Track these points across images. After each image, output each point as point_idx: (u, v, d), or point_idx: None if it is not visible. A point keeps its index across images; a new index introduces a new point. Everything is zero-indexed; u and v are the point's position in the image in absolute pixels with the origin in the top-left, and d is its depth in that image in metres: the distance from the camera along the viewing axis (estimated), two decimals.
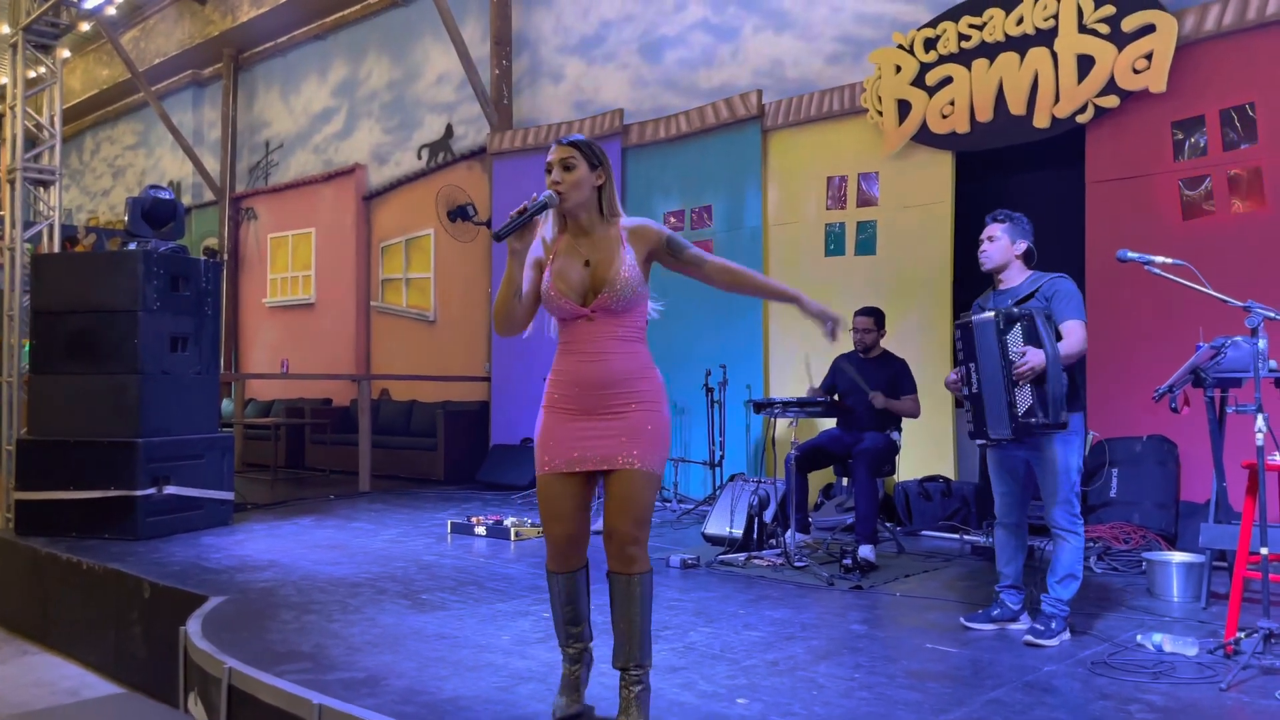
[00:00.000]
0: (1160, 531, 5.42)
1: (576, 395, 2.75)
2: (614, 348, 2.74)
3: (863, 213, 7.35)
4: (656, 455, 2.75)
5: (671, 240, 2.83)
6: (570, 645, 2.92)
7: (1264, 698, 3.04)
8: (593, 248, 2.77)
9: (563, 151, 2.75)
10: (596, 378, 2.72)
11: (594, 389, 2.73)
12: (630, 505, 2.70)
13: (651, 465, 2.73)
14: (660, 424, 2.78)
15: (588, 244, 2.78)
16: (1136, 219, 6.00)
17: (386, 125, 11.66)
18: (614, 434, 2.71)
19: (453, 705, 2.99)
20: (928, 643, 3.74)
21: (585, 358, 2.74)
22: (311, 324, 12.39)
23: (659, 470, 2.76)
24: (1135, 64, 5.94)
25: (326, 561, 5.40)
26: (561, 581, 2.87)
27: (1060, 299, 3.77)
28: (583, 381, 2.74)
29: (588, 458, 2.72)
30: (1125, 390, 5.88)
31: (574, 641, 2.92)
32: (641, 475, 2.71)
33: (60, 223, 7.46)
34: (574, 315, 2.75)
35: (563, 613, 2.90)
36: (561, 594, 2.88)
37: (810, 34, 7.91)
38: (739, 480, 6.03)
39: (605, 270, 2.73)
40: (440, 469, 9.59)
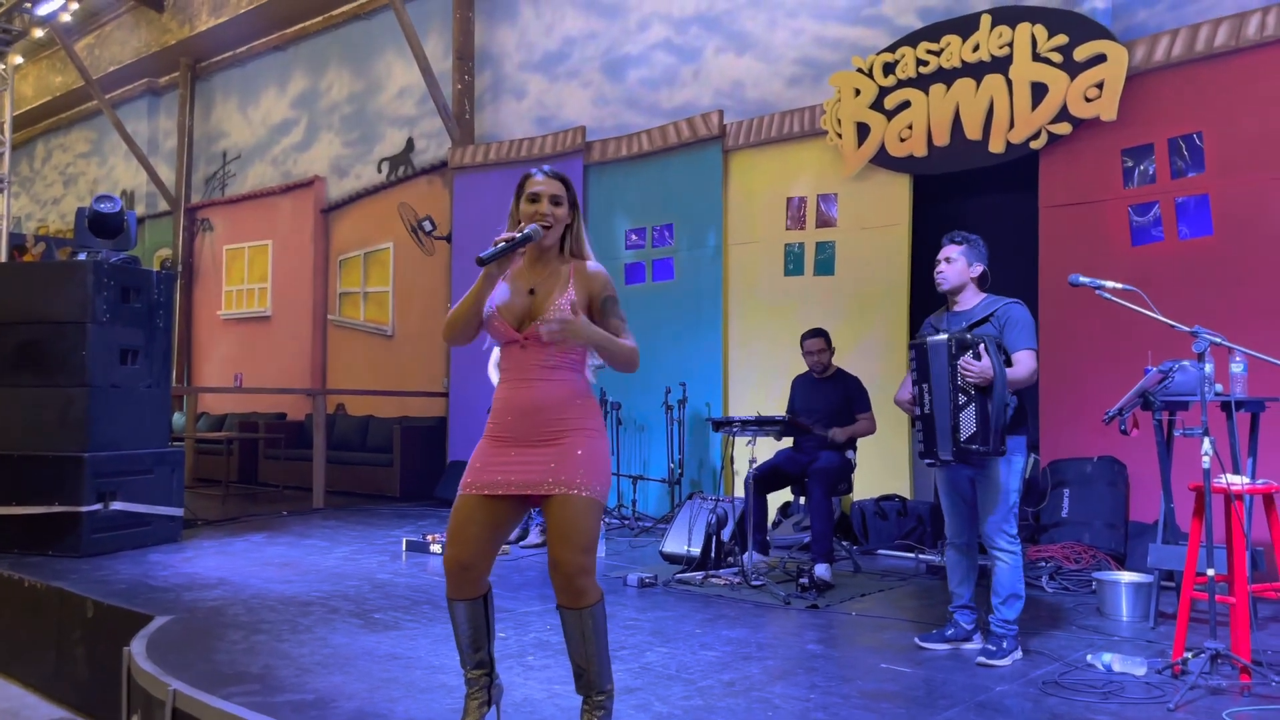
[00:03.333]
0: (1110, 551, 5.50)
1: (510, 423, 2.75)
2: (544, 375, 2.75)
3: (822, 233, 7.42)
4: (595, 481, 2.69)
5: (608, 300, 2.83)
6: (470, 670, 2.82)
7: (1210, 718, 3.08)
8: (541, 280, 2.79)
9: (555, 186, 2.79)
10: (526, 403, 2.73)
11: (524, 414, 2.73)
12: (572, 532, 2.62)
13: (591, 491, 2.67)
14: (593, 450, 2.73)
15: (539, 275, 2.80)
16: (1087, 244, 6.11)
17: (346, 138, 11.58)
18: (543, 460, 2.68)
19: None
20: (882, 662, 3.75)
21: (516, 384, 2.76)
22: (267, 337, 12.22)
23: (601, 497, 2.71)
24: (1087, 92, 6.07)
25: (277, 580, 5.30)
26: (458, 609, 2.77)
27: (1013, 327, 3.82)
28: (514, 407, 2.75)
29: (511, 482, 2.69)
30: (1076, 411, 5.97)
31: (472, 668, 2.82)
32: (580, 501, 2.65)
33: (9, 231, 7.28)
34: (508, 339, 2.78)
35: (460, 637, 2.80)
36: (457, 621, 2.78)
37: (771, 56, 7.99)
38: (697, 498, 6.03)
39: (544, 301, 2.74)
40: (396, 485, 9.49)
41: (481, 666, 2.83)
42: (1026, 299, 4.04)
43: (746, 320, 7.77)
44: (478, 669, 2.83)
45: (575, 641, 2.70)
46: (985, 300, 3.96)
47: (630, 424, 8.06)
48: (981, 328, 3.84)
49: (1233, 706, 3.16)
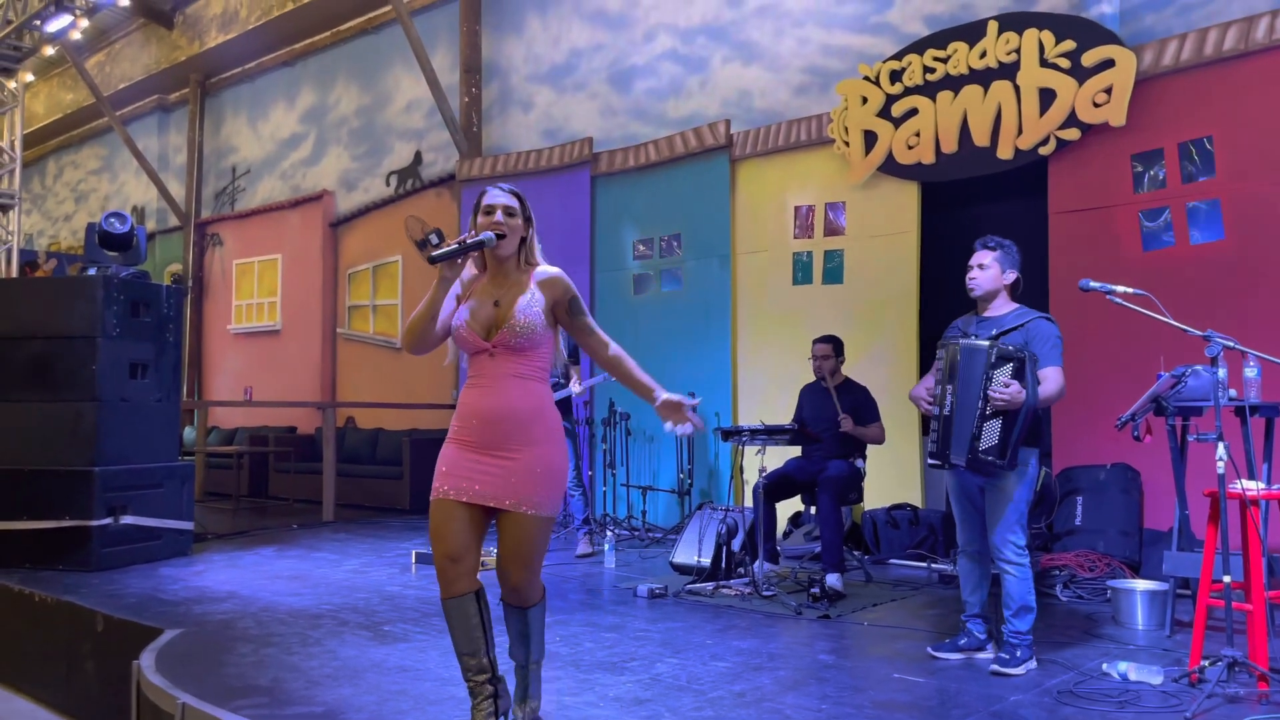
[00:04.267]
0: (1125, 559, 5.45)
1: (475, 428, 2.84)
2: (512, 384, 2.84)
3: (830, 242, 7.40)
4: (549, 499, 2.85)
5: (574, 301, 2.94)
6: (470, 676, 2.87)
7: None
8: (504, 291, 2.89)
9: (507, 199, 2.90)
10: (493, 411, 2.82)
11: (490, 423, 2.82)
12: (522, 550, 2.82)
13: (544, 509, 2.84)
14: (552, 466, 2.86)
15: (501, 287, 2.89)
16: (1097, 249, 6.08)
17: (355, 152, 11.62)
18: (506, 474, 2.80)
19: None
20: (895, 672, 3.71)
21: (484, 392, 2.85)
22: (277, 351, 12.25)
23: (553, 513, 2.88)
24: (1095, 98, 6.05)
25: (287, 593, 5.29)
26: (452, 607, 2.85)
27: (1043, 342, 3.75)
28: (481, 414, 2.83)
29: (484, 493, 2.80)
30: (1089, 418, 5.93)
31: (473, 674, 2.87)
32: (534, 521, 2.81)
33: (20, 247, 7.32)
34: (477, 349, 2.86)
35: (457, 640, 2.87)
36: (453, 621, 2.86)
37: (778, 65, 7.99)
38: (707, 509, 6.00)
39: (509, 310, 2.85)
40: (406, 497, 9.48)
41: (484, 671, 2.87)
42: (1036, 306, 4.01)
43: (755, 330, 7.75)
44: (480, 674, 2.87)
45: (517, 638, 2.95)
46: (1017, 310, 3.90)
47: (639, 434, 8.04)
48: (1010, 337, 3.78)
49: (1251, 715, 3.12)
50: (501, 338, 2.81)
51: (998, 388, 3.62)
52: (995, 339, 3.76)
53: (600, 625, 4.52)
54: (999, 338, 3.77)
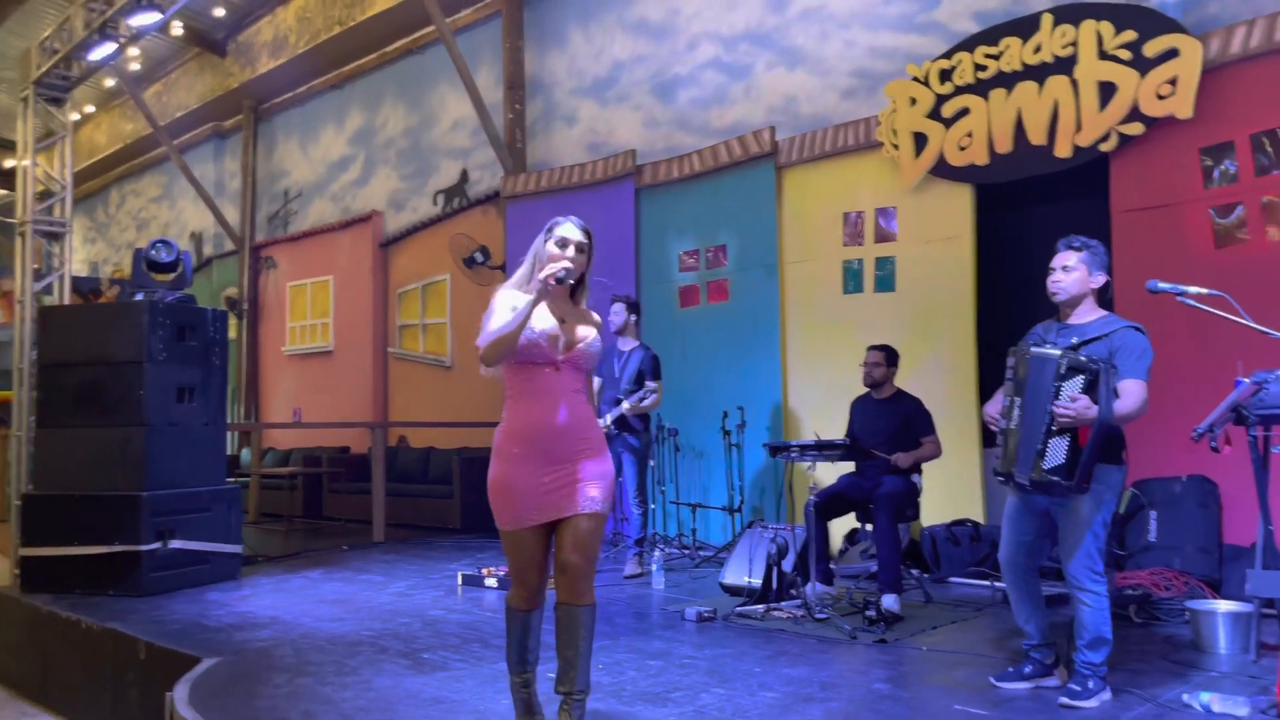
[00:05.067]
0: (1204, 577, 5.13)
1: (542, 443, 3.00)
2: (573, 398, 3.06)
3: (881, 248, 7.17)
4: (605, 497, 3.07)
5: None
6: (523, 673, 3.17)
7: None
8: (565, 312, 3.12)
9: (582, 236, 3.14)
10: (559, 424, 3.00)
11: (557, 435, 3.00)
12: (586, 544, 3.01)
13: (603, 508, 3.06)
14: (606, 468, 3.10)
15: (561, 309, 3.11)
16: (1166, 249, 5.77)
17: (403, 172, 11.67)
18: (569, 481, 3.01)
19: None
20: (956, 703, 3.49)
21: (549, 407, 3.01)
22: (330, 371, 12.33)
23: (606, 511, 3.09)
24: (1159, 90, 5.76)
25: (329, 618, 5.22)
26: (530, 618, 3.14)
27: (1129, 353, 3.44)
28: (548, 428, 3.00)
29: (557, 506, 3.00)
30: (1161, 428, 5.58)
31: (527, 669, 3.18)
32: (596, 518, 3.04)
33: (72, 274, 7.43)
34: (548, 362, 3.03)
35: (525, 645, 3.15)
36: (527, 629, 3.14)
37: (824, 69, 7.79)
38: (757, 527, 5.81)
39: (576, 331, 3.09)
40: (457, 516, 9.42)
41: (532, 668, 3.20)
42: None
43: (805, 341, 7.54)
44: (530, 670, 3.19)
45: (570, 636, 3.02)
46: (1104, 318, 3.59)
47: (688, 450, 7.86)
48: (1092, 347, 3.48)
49: None
50: (573, 357, 3.06)
51: (1064, 401, 3.36)
52: (1073, 348, 3.47)
53: (645, 651, 4.35)
54: (1078, 347, 3.47)
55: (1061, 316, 3.67)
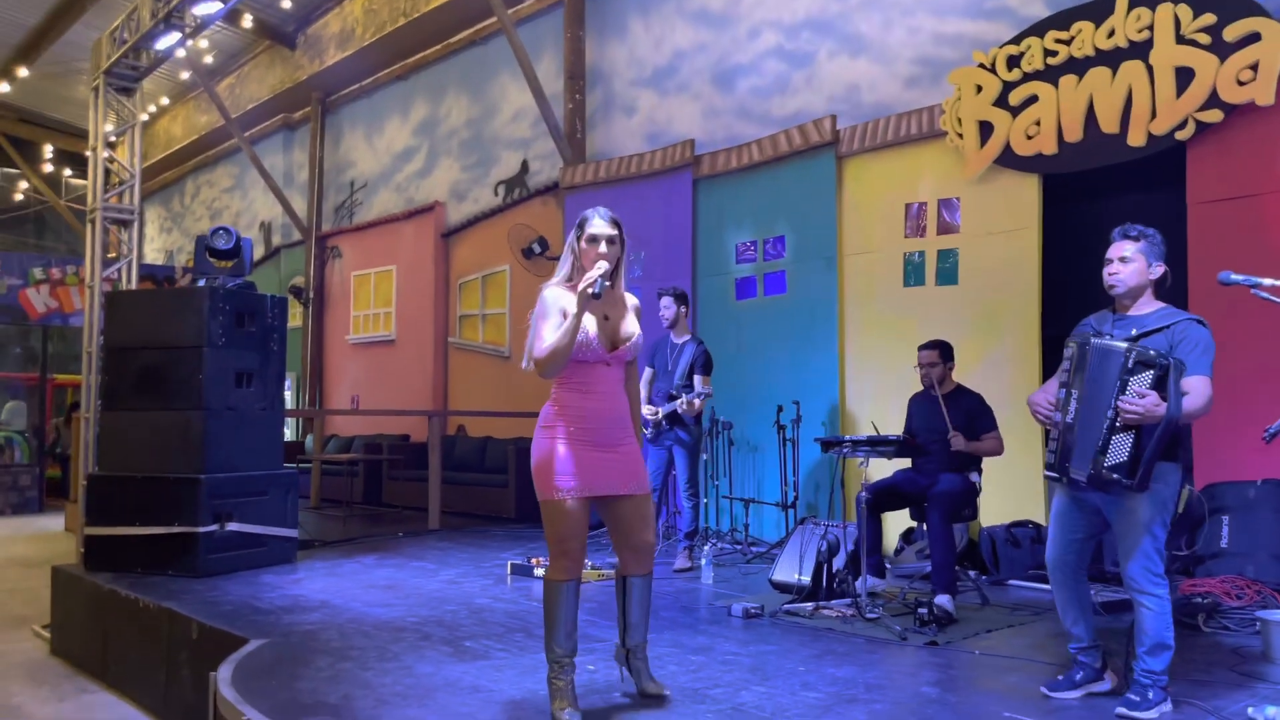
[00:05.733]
0: (1277, 586, 4.88)
1: (591, 429, 3.22)
2: (620, 390, 3.33)
3: (943, 240, 6.98)
4: (648, 478, 3.42)
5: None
6: (568, 656, 3.24)
7: None
8: (609, 308, 3.27)
9: (609, 229, 3.27)
10: (609, 414, 3.26)
11: (605, 424, 3.25)
12: (649, 520, 3.39)
13: (649, 487, 3.42)
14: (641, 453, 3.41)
15: (606, 304, 3.24)
16: (1245, 242, 5.51)
17: (465, 163, 11.74)
18: (618, 464, 3.27)
19: None
20: (1005, 711, 3.35)
21: (602, 399, 3.25)
22: (392, 360, 12.49)
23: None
24: (1239, 75, 5.49)
25: (378, 603, 5.25)
26: (574, 589, 3.27)
27: (1192, 347, 3.27)
28: (599, 417, 3.24)
29: (608, 484, 3.25)
30: (1235, 429, 5.35)
31: (566, 655, 3.25)
32: (649, 498, 3.40)
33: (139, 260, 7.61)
34: (598, 360, 3.23)
35: (573, 620, 3.26)
36: (572, 600, 3.27)
37: (887, 57, 7.61)
38: (809, 523, 5.69)
39: (621, 326, 3.30)
40: (512, 506, 9.45)
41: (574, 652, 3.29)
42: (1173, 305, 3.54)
43: (863, 335, 7.38)
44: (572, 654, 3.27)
45: (641, 600, 3.39)
46: (1163, 310, 3.43)
47: (742, 444, 7.77)
48: (1151, 340, 3.32)
49: None
50: (621, 352, 3.27)
51: (1131, 398, 3.20)
52: (1134, 340, 3.31)
53: (687, 647, 4.29)
54: (1137, 339, 3.31)
55: (1119, 309, 3.51)
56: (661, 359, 6.42)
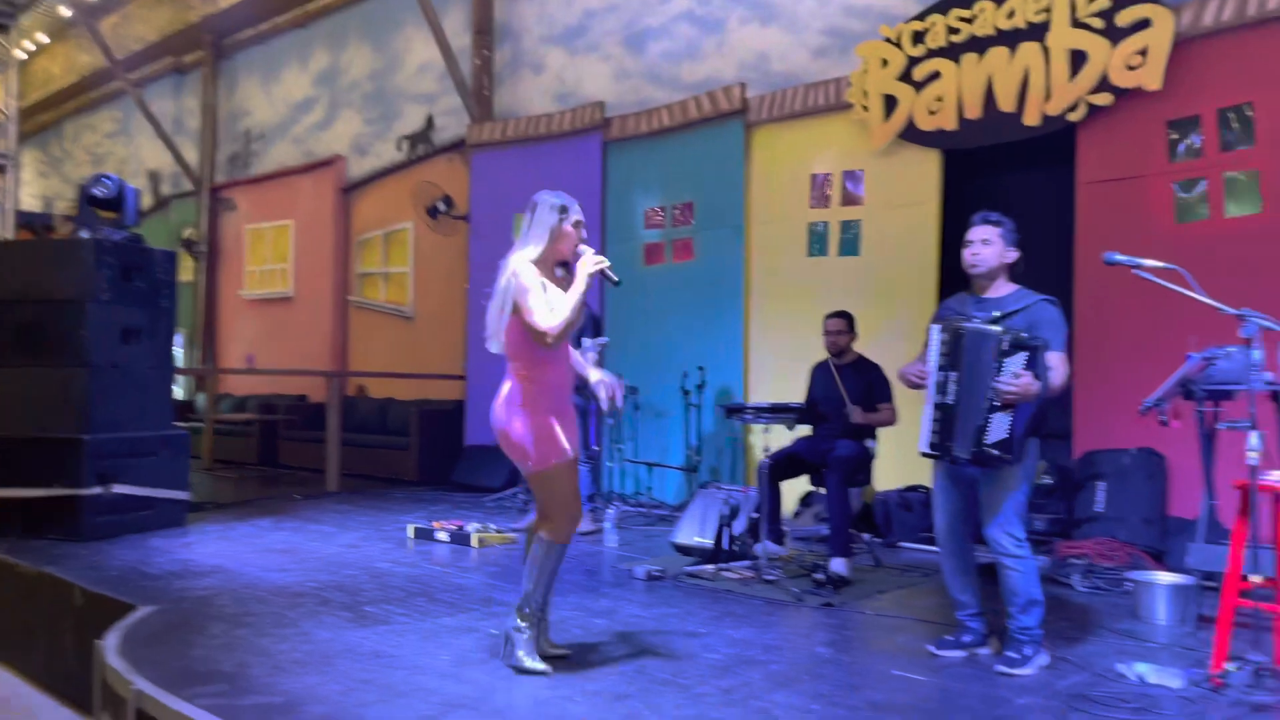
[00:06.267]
0: (1147, 548, 5.19)
1: (559, 398, 3.46)
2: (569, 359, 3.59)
3: (847, 212, 7.11)
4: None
5: None
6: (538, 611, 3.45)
7: None
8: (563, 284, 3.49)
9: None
10: (568, 383, 3.56)
11: (566, 393, 3.53)
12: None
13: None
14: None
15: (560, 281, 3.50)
16: (1128, 222, 5.77)
17: (367, 116, 11.40)
18: (572, 429, 3.50)
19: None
20: (895, 669, 3.50)
21: (563, 369, 3.52)
22: (289, 318, 12.13)
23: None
24: (1130, 60, 5.71)
25: (274, 568, 5.14)
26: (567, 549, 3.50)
27: (1048, 326, 3.47)
28: (563, 387, 3.51)
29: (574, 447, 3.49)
30: (1113, 400, 5.64)
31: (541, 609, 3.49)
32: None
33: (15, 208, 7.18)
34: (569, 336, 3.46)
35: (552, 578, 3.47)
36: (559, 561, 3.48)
37: (797, 26, 7.67)
38: (711, 487, 5.79)
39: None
40: (413, 469, 9.33)
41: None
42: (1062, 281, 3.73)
43: (768, 303, 7.49)
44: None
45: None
46: (1018, 291, 3.62)
47: (647, 409, 7.82)
48: (1012, 320, 3.50)
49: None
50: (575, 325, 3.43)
51: (1008, 378, 3.36)
52: (997, 321, 3.48)
53: (591, 610, 4.33)
54: (1000, 320, 3.49)
55: (977, 290, 3.68)
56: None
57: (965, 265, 3.68)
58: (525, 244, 3.45)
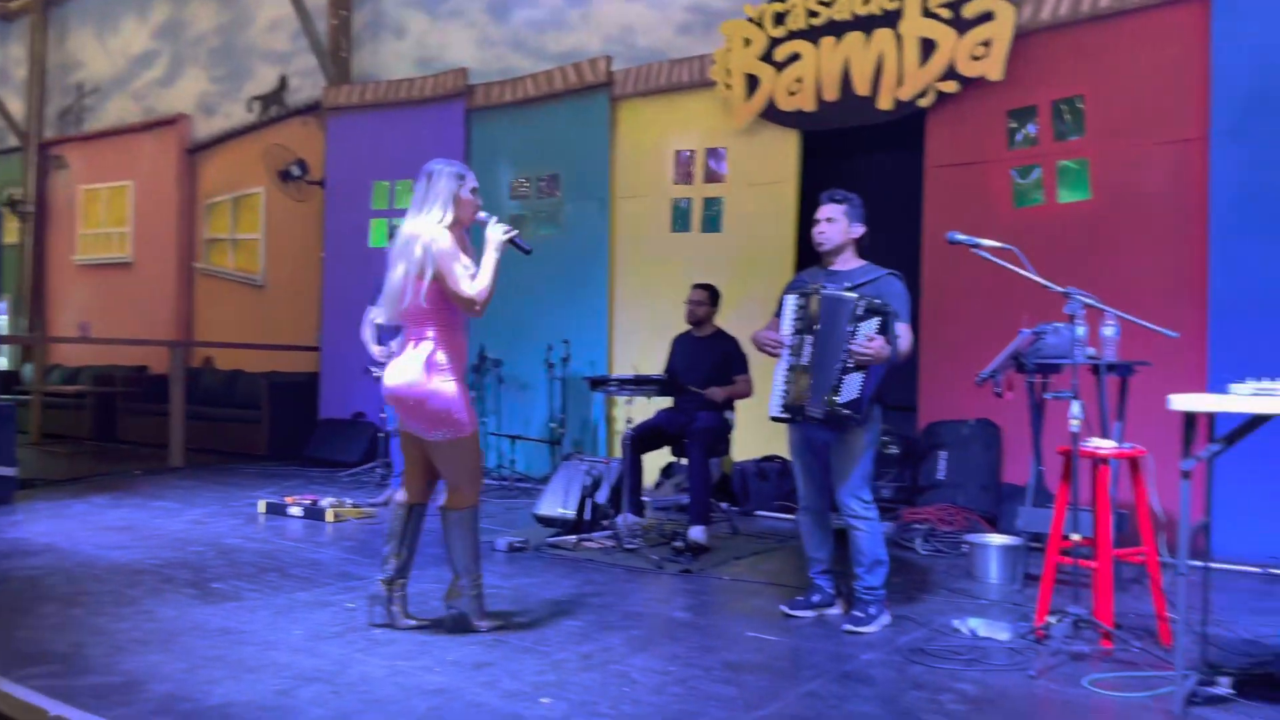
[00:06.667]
0: (983, 513, 5.51)
1: (462, 366, 3.48)
2: None
3: (710, 189, 7.23)
4: None
5: None
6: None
7: (1071, 685, 3.03)
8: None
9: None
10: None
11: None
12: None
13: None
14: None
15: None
16: (971, 204, 6.07)
17: (214, 74, 10.83)
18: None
19: (218, 713, 2.66)
20: (749, 630, 3.62)
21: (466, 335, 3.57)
22: (128, 285, 11.43)
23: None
24: (975, 51, 5.99)
25: (113, 545, 4.88)
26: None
27: (893, 299, 3.66)
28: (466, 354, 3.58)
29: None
30: (955, 374, 5.94)
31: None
32: None
33: None
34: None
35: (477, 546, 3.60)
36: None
37: (662, 1, 7.70)
38: (574, 459, 5.82)
39: None
40: (264, 443, 9.00)
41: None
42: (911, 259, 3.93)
43: (633, 277, 7.55)
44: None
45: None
46: (865, 266, 3.81)
47: (511, 382, 7.77)
48: (861, 291, 3.65)
49: (1094, 673, 3.13)
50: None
51: (862, 341, 3.51)
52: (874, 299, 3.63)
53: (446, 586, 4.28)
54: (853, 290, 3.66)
55: (826, 264, 3.85)
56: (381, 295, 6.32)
57: (815, 242, 3.82)
58: (426, 211, 3.42)
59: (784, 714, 2.76)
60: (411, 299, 3.35)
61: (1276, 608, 3.95)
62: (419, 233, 3.38)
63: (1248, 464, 4.49)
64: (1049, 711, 2.86)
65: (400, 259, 3.38)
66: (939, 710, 2.81)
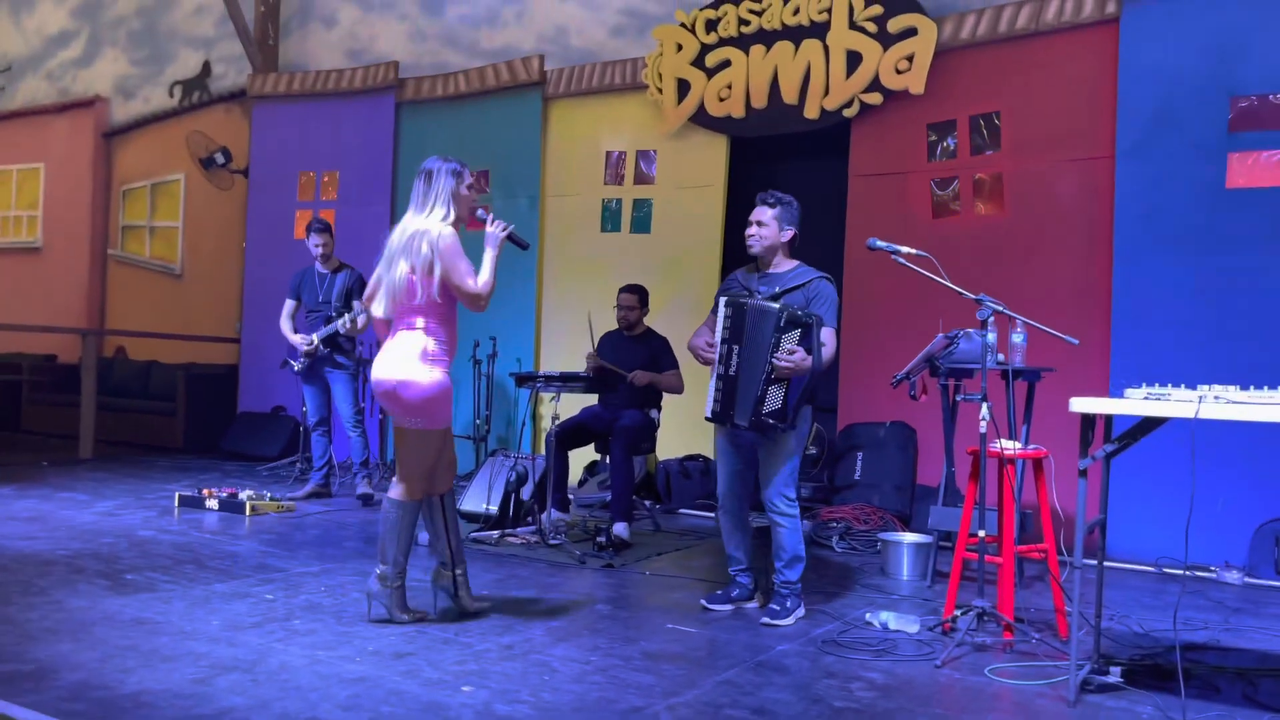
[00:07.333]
0: (897, 513, 5.69)
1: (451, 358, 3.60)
2: None
3: (640, 190, 7.30)
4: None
5: None
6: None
7: (974, 674, 3.18)
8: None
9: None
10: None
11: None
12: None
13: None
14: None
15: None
16: (892, 214, 6.25)
17: (134, 56, 10.53)
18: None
19: (132, 702, 2.62)
20: (669, 623, 3.69)
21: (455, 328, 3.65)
22: (37, 271, 11.04)
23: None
24: (898, 64, 6.18)
25: (19, 535, 4.75)
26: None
27: (822, 303, 3.75)
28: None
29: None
30: (873, 377, 6.12)
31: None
32: None
33: None
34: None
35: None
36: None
37: (595, 3, 7.76)
38: (499, 455, 5.84)
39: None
40: (179, 436, 8.79)
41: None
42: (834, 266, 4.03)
43: (561, 275, 7.58)
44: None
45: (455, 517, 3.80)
46: (798, 269, 3.88)
47: None
48: (791, 296, 3.77)
49: (995, 663, 3.28)
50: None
51: (784, 355, 3.60)
52: (778, 297, 3.73)
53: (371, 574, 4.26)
54: (782, 296, 3.75)
55: (760, 265, 3.94)
56: (310, 290, 6.30)
57: (746, 245, 3.90)
58: (429, 209, 3.53)
59: (700, 701, 2.83)
60: (424, 295, 3.46)
61: (1167, 604, 4.17)
62: (425, 231, 3.46)
63: (1145, 469, 4.75)
64: (951, 698, 2.98)
65: (403, 256, 3.47)
66: (848, 697, 2.92)
